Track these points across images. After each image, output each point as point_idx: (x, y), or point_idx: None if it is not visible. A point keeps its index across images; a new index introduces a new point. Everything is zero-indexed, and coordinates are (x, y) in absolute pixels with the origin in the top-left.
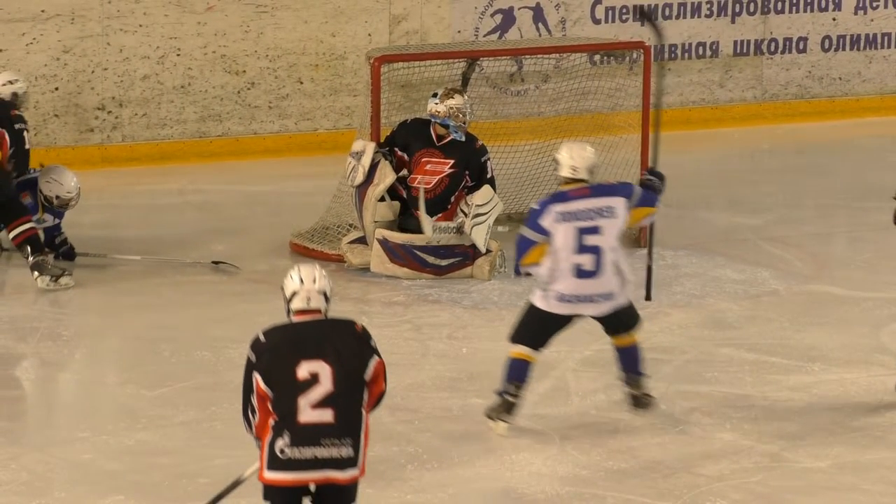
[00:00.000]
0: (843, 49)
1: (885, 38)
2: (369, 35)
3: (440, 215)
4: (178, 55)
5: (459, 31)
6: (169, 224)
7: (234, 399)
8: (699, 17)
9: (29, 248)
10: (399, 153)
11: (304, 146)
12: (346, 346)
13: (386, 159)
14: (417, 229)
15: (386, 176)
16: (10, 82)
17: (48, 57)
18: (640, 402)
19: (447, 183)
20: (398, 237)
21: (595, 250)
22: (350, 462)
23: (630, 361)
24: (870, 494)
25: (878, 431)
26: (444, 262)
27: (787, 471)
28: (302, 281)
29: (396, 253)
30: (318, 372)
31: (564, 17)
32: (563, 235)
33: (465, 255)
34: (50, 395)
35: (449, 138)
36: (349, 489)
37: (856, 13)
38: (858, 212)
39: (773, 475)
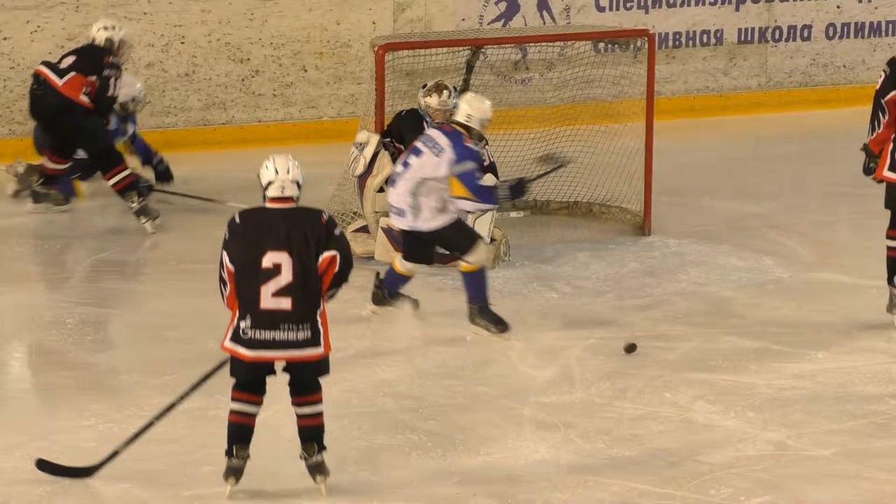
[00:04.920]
0: (848, 37)
1: (890, 25)
2: (373, 23)
3: None
4: (183, 43)
5: (463, 19)
6: (172, 213)
7: None
8: (703, 4)
9: (135, 195)
10: (398, 144)
11: (308, 134)
12: (309, 237)
13: (387, 150)
14: None
15: (384, 167)
16: (105, 28)
17: (52, 45)
18: (471, 317)
19: None
20: None
21: (406, 166)
22: (308, 342)
23: (468, 287)
24: (874, 482)
25: (882, 419)
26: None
27: (791, 458)
28: (277, 171)
29: (400, 242)
30: (280, 263)
31: (569, 4)
32: None
33: None
34: (54, 383)
35: None
36: (317, 364)
37: (860, 1)
38: (863, 199)
39: (778, 463)
